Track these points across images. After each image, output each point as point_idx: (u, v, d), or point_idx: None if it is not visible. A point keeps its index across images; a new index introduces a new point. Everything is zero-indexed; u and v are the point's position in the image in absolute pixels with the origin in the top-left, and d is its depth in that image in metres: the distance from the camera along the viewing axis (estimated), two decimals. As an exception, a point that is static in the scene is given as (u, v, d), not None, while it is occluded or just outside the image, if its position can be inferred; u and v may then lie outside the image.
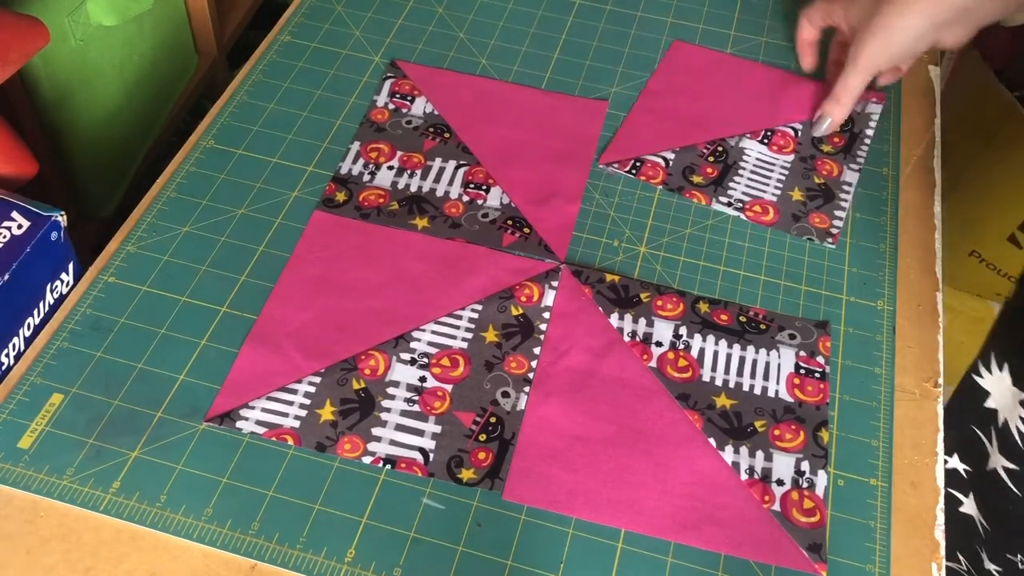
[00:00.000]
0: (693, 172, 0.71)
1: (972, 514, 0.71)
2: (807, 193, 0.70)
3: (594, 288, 0.64)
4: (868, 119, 0.75)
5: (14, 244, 0.58)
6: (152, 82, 1.13)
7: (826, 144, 0.73)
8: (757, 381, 0.59)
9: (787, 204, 0.69)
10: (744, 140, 0.73)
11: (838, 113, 0.72)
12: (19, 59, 0.69)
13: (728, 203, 0.68)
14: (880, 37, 0.67)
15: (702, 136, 0.73)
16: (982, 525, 0.70)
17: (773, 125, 0.74)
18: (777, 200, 0.69)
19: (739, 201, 0.69)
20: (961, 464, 0.72)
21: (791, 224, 0.68)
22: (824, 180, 0.70)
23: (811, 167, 0.71)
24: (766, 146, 0.72)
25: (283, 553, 0.51)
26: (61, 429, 0.55)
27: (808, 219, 0.68)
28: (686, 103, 0.76)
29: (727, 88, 0.77)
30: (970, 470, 0.71)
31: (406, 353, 0.60)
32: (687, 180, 0.70)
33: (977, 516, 0.70)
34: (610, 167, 0.70)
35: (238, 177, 0.69)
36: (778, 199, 0.69)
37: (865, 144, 0.74)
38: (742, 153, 0.72)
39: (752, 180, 0.70)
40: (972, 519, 0.71)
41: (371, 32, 0.81)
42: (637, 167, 0.70)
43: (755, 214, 0.68)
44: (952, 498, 0.72)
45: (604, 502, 0.54)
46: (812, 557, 0.52)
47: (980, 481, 0.70)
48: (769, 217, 0.68)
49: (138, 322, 0.60)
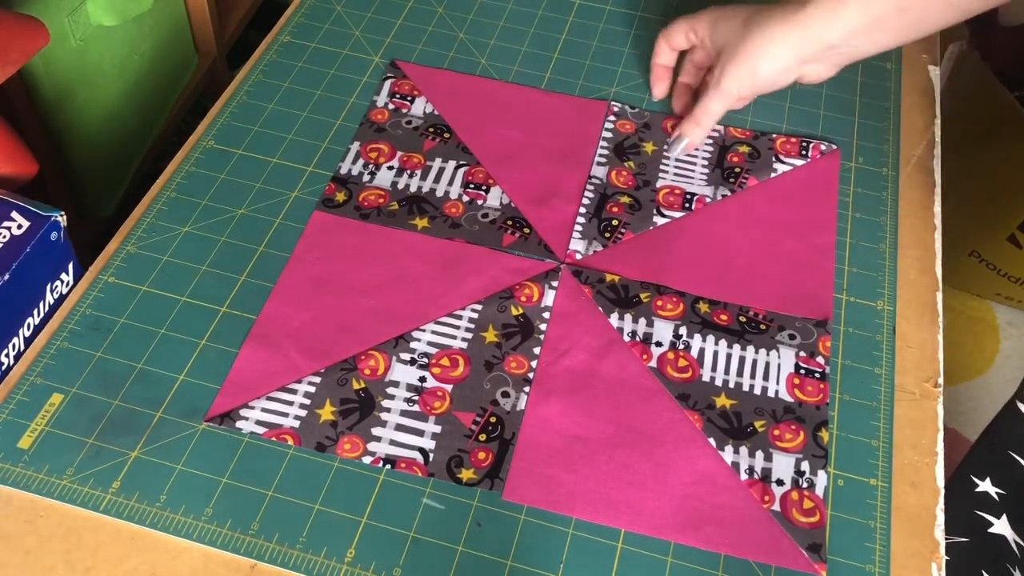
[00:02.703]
0: None
1: (1005, 534, 0.71)
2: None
3: (594, 288, 0.64)
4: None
5: (14, 244, 0.58)
6: (152, 82, 1.13)
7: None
8: (757, 381, 0.60)
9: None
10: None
11: (697, 134, 0.69)
12: (19, 59, 0.69)
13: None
14: (747, 63, 0.63)
15: None
16: (1017, 544, 0.70)
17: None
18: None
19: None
20: (994, 488, 0.73)
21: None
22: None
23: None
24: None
25: (283, 553, 0.51)
26: (61, 429, 0.55)
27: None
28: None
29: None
30: (1004, 493, 0.72)
31: (406, 353, 0.60)
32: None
33: (1012, 537, 0.71)
34: None
35: (238, 177, 0.69)
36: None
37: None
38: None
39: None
40: (1005, 539, 0.71)
41: (371, 32, 0.81)
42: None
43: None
44: (980, 519, 0.73)
45: (604, 502, 0.54)
46: (812, 557, 0.52)
47: (1020, 503, 0.71)
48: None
49: (138, 322, 0.60)
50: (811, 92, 0.77)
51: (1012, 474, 0.72)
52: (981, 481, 0.74)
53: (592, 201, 0.69)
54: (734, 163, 0.71)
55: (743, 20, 0.64)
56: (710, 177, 0.71)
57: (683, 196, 0.69)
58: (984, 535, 0.73)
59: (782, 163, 0.72)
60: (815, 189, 0.71)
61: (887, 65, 0.80)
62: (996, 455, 0.73)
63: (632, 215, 0.68)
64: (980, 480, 0.74)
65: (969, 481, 0.74)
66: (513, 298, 0.63)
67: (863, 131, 0.75)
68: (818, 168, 0.72)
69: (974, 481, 0.74)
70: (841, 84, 0.77)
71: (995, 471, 0.73)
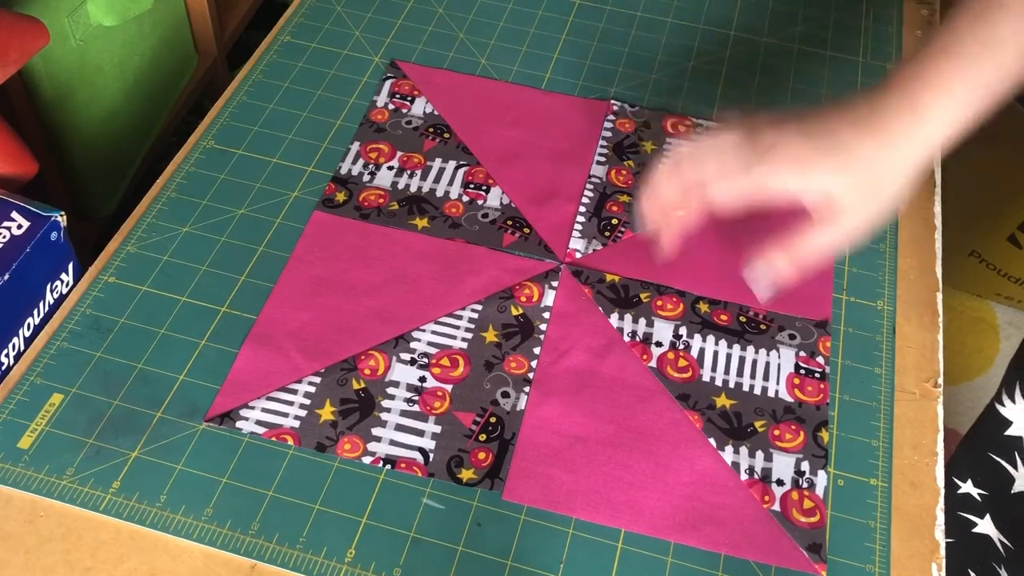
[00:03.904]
0: None
1: (989, 533, 0.72)
2: None
3: (594, 288, 0.64)
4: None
5: (14, 244, 0.58)
6: (152, 82, 1.12)
7: None
8: (757, 381, 0.59)
9: None
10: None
11: (788, 269, 0.53)
12: (19, 59, 0.69)
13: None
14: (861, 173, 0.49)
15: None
16: (1002, 543, 0.71)
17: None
18: None
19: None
20: (975, 489, 0.73)
21: None
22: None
23: None
24: None
25: (283, 553, 0.51)
26: (61, 429, 0.55)
27: None
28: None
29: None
30: (986, 494, 0.72)
31: (406, 353, 0.60)
32: None
33: (997, 536, 0.71)
34: None
35: (238, 177, 0.69)
36: None
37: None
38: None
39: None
40: (989, 538, 0.72)
41: (371, 32, 0.81)
42: None
43: None
44: (964, 520, 0.73)
45: (604, 502, 0.54)
46: (812, 557, 0.52)
47: (1002, 504, 0.71)
48: None
49: (138, 322, 0.60)
50: (811, 92, 0.77)
51: (992, 475, 0.72)
52: (963, 483, 0.74)
53: (592, 200, 0.69)
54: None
55: (830, 140, 0.50)
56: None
57: (683, 196, 0.69)
58: (969, 535, 0.73)
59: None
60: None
61: (887, 66, 0.80)
62: (976, 456, 0.74)
63: (632, 214, 0.68)
64: (962, 482, 0.74)
65: (952, 483, 0.75)
66: (513, 298, 0.63)
67: (863, 131, 0.75)
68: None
69: (956, 483, 0.75)
70: (841, 84, 0.77)
71: (975, 472, 0.74)
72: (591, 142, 0.73)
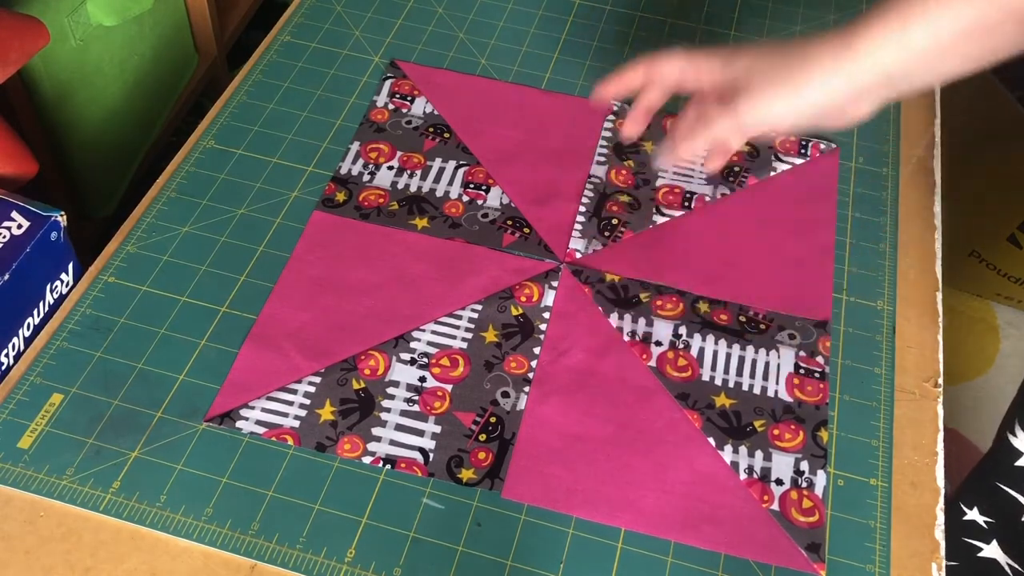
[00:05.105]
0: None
1: (997, 558, 0.73)
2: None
3: (594, 288, 0.64)
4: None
5: (14, 244, 0.58)
6: (152, 82, 1.13)
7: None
8: (757, 381, 0.60)
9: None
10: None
11: (683, 151, 0.58)
12: (19, 59, 0.69)
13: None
14: (787, 89, 0.54)
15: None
16: (1012, 567, 0.72)
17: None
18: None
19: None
20: (982, 517, 0.74)
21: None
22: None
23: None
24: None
25: (283, 553, 0.51)
26: (61, 429, 0.55)
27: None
28: None
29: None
30: (992, 522, 0.73)
31: (406, 353, 0.60)
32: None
33: (1005, 560, 0.72)
34: None
35: (238, 177, 0.69)
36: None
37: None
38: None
39: None
40: (996, 562, 0.73)
41: (371, 32, 0.81)
42: None
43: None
44: (968, 545, 0.74)
45: (604, 501, 0.54)
46: (811, 557, 0.52)
47: (1010, 531, 0.72)
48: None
49: (138, 322, 0.60)
50: (811, 92, 0.77)
51: (999, 503, 0.73)
52: (969, 510, 0.75)
53: (592, 200, 0.69)
54: (733, 162, 0.71)
55: (780, 51, 0.55)
56: (710, 176, 0.71)
57: (683, 195, 0.69)
58: (973, 559, 0.74)
59: (781, 162, 0.72)
60: (815, 188, 0.71)
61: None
62: (983, 485, 0.75)
63: (632, 214, 0.68)
64: (968, 509, 0.75)
65: (958, 510, 0.76)
66: (513, 298, 0.63)
67: (863, 131, 0.75)
68: (818, 167, 0.72)
69: (962, 510, 0.76)
70: (841, 84, 0.77)
71: (982, 500, 0.75)
72: (591, 142, 0.73)
